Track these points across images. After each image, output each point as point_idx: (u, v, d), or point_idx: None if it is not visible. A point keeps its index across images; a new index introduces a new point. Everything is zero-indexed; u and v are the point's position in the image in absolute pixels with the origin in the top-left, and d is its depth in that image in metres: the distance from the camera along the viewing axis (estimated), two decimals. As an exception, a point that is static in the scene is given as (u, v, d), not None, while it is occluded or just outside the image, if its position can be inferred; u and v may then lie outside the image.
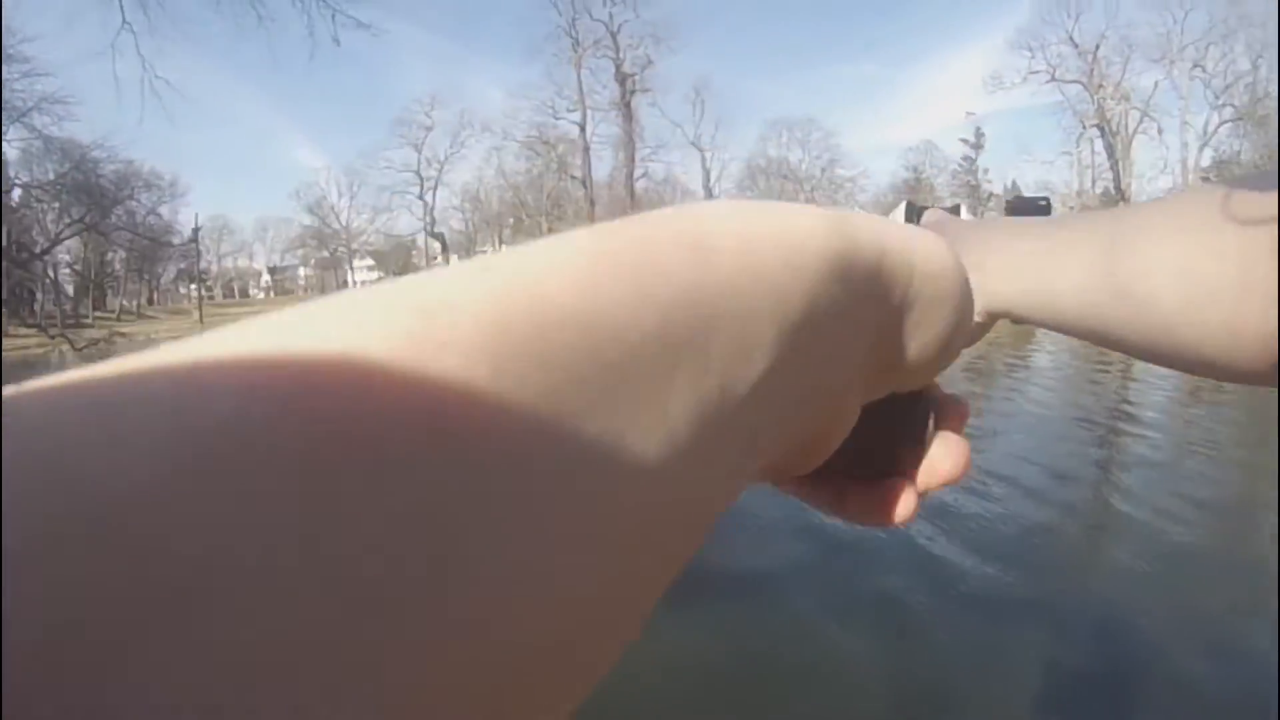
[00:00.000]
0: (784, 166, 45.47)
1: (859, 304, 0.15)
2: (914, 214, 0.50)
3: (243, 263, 55.33)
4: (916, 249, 0.17)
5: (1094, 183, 42.35)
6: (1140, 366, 10.56)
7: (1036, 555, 3.57)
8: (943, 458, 0.19)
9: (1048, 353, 14.18)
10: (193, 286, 45.20)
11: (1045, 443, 6.14)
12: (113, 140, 39.92)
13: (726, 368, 0.12)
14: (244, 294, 53.78)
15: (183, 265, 48.14)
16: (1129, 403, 8.90)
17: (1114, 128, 38.12)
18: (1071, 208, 42.24)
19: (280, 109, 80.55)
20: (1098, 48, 37.91)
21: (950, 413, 0.21)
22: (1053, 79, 38.60)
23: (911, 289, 0.16)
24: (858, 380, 0.16)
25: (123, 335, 31.46)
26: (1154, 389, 8.80)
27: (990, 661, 2.50)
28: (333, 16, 26.04)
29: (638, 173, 36.43)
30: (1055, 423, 7.02)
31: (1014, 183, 49.12)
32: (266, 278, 54.63)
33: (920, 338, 0.17)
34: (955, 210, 0.51)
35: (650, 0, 38.21)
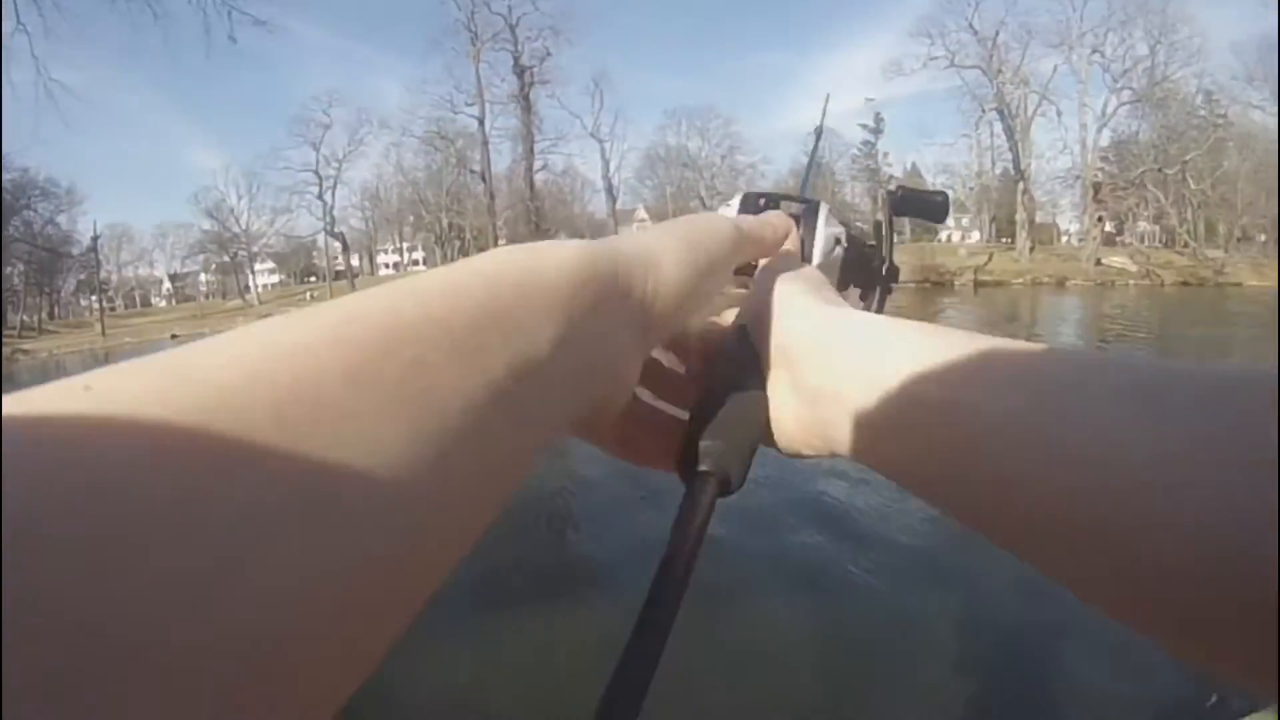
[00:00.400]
0: (683, 155, 45.19)
1: (606, 300, 0.21)
2: (751, 202, 0.43)
3: (144, 271, 53.08)
4: (651, 255, 0.24)
5: (994, 163, 43.23)
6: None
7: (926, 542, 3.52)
8: None
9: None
10: (94, 298, 43.10)
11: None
12: (7, 148, 37.93)
13: (520, 352, 0.18)
14: (146, 303, 51.67)
15: (82, 276, 45.80)
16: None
17: (1013, 111, 38.73)
18: (971, 188, 42.73)
19: (177, 111, 77.35)
20: (997, 34, 38.41)
21: None
22: (952, 64, 39.03)
23: (649, 284, 0.24)
24: (630, 349, 0.24)
25: (25, 353, 29.60)
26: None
27: (884, 657, 2.48)
28: (229, 13, 24.94)
29: (537, 165, 35.77)
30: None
31: (914, 165, 49.90)
32: (168, 285, 52.49)
33: (665, 305, 0.24)
34: (813, 209, 0.41)
35: (549, -9, 37.57)
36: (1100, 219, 38.04)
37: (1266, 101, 40.04)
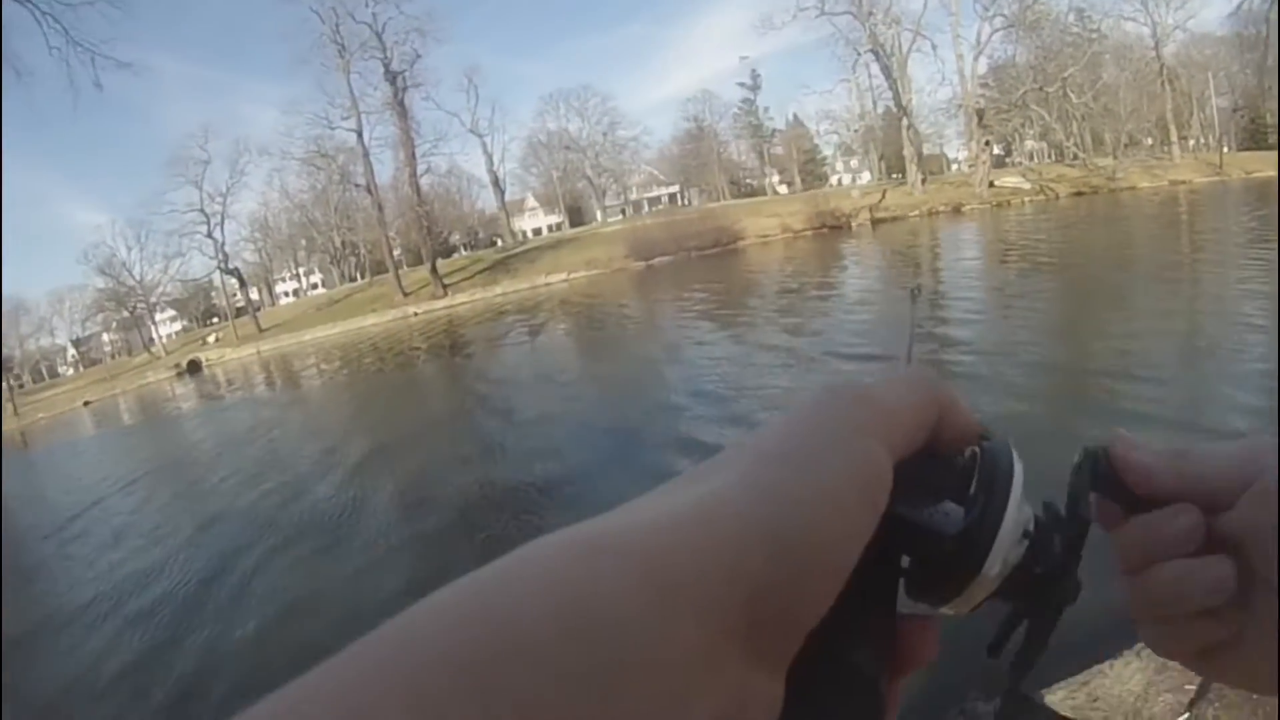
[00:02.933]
0: (565, 137, 45.35)
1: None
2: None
3: (45, 341, 51.42)
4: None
5: (875, 104, 44.08)
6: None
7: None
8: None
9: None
10: (-2, 378, 41.41)
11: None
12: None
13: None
14: (53, 374, 49.94)
15: (-18, 357, 43.96)
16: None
17: (888, 50, 39.29)
18: (856, 130, 43.21)
19: (54, 170, 74.76)
20: (865, -24, 38.89)
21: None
22: (823, 13, 39.31)
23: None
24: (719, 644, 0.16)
25: (-65, 445, 28.33)
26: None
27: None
28: (92, 60, 23.98)
29: (421, 169, 35.31)
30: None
31: (795, 116, 50.85)
32: (72, 352, 50.96)
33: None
34: (999, 458, 0.25)
35: (412, -6, 37.12)
36: (987, 143, 38.76)
37: (1139, 13, 41.62)
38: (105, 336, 49.77)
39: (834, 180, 46.78)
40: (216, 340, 37.48)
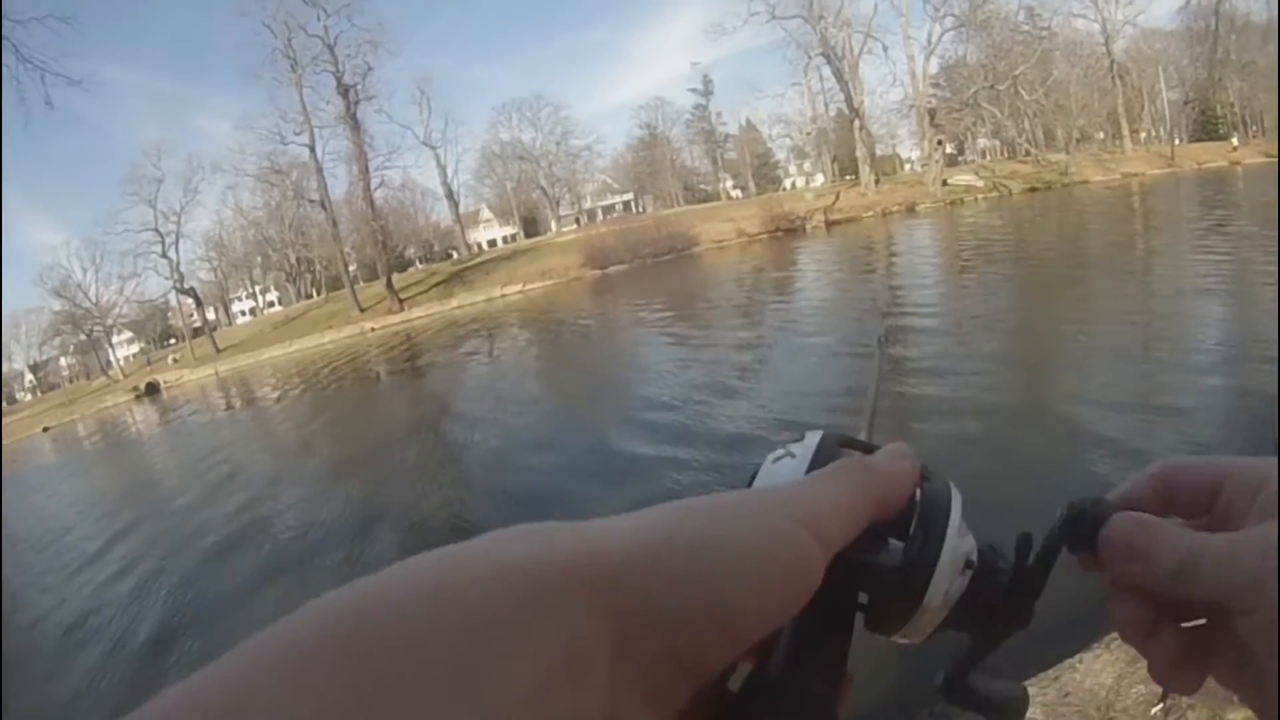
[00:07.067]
0: (518, 148, 45.41)
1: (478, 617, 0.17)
2: (829, 450, 0.28)
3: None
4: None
5: (827, 106, 44.70)
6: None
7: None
8: None
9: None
10: (-46, 406, 40.71)
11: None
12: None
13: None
14: (11, 400, 49.07)
15: (-62, 384, 43.23)
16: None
17: (839, 53, 39.80)
18: (809, 134, 43.55)
19: (7, 190, 73.50)
20: (814, -19, 39.29)
21: None
22: (773, 17, 39.83)
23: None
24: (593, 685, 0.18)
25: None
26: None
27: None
28: (42, 77, 23.60)
29: (374, 183, 35.29)
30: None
31: (748, 120, 51.55)
32: (30, 377, 50.17)
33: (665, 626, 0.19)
34: (938, 498, 0.27)
35: (363, 7, 37.13)
36: (940, 142, 39.25)
37: (1088, 9, 42.46)
38: (63, 360, 49.22)
39: (788, 183, 47.47)
40: (174, 362, 37.16)
